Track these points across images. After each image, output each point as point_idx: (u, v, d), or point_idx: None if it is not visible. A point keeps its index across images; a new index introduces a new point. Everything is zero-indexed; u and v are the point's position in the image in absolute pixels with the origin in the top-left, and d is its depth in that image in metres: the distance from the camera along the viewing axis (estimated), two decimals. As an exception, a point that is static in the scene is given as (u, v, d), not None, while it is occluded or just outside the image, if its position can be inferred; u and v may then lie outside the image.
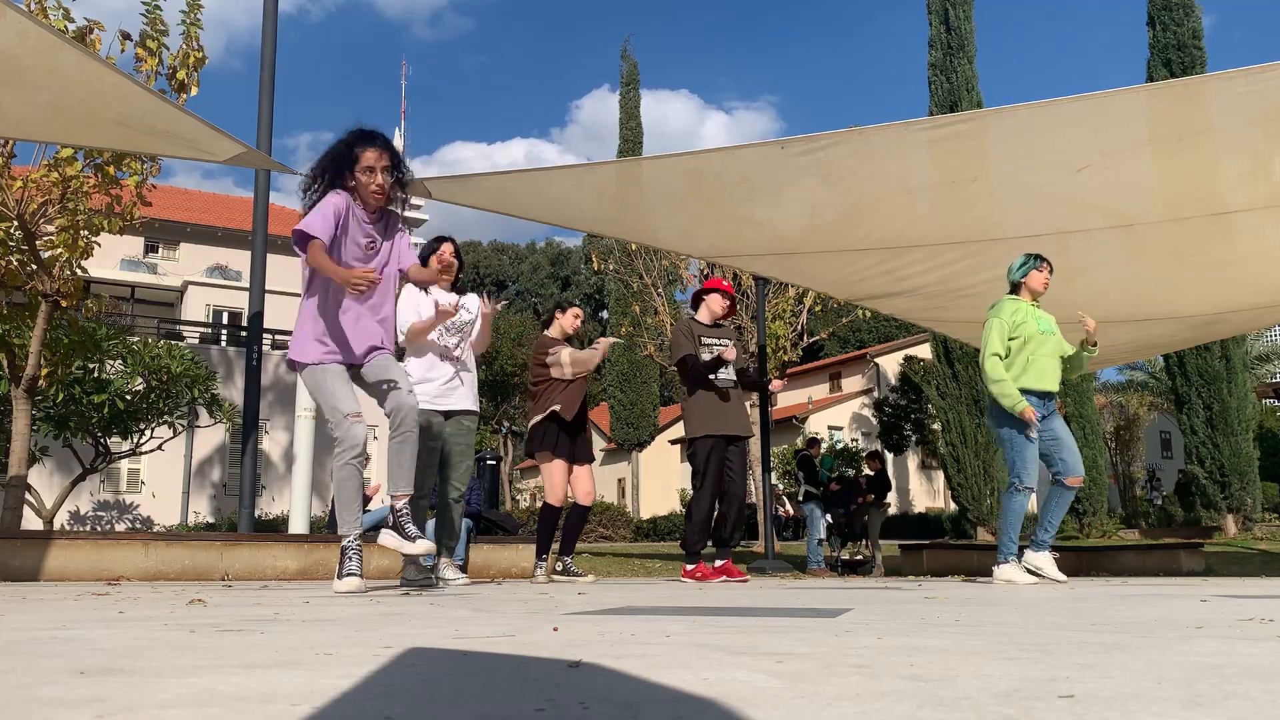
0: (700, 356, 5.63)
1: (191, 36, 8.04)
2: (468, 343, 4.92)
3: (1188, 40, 16.49)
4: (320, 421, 7.60)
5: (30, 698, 0.93)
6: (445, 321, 4.65)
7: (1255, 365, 26.06)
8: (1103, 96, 4.89)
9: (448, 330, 4.84)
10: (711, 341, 5.74)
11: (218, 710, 0.85)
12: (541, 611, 2.35)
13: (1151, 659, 1.21)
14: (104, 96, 5.10)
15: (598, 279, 41.47)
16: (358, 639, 1.55)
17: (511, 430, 32.06)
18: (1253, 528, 16.46)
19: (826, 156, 5.66)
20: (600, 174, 6.39)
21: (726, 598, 3.14)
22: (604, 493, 36.33)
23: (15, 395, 8.01)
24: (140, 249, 28.57)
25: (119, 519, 19.68)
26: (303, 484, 6.59)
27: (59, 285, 7.85)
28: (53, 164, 7.51)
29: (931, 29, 18.61)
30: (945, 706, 0.85)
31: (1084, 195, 5.84)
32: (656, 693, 0.96)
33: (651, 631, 1.68)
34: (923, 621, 1.92)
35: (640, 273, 17.71)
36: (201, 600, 3.00)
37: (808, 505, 10.55)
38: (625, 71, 27.03)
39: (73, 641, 1.52)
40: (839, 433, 32.28)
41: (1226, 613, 2.15)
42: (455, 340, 4.88)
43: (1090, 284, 7.30)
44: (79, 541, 5.74)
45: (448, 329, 4.82)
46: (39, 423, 11.31)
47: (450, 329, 4.84)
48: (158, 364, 12.59)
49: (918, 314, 8.58)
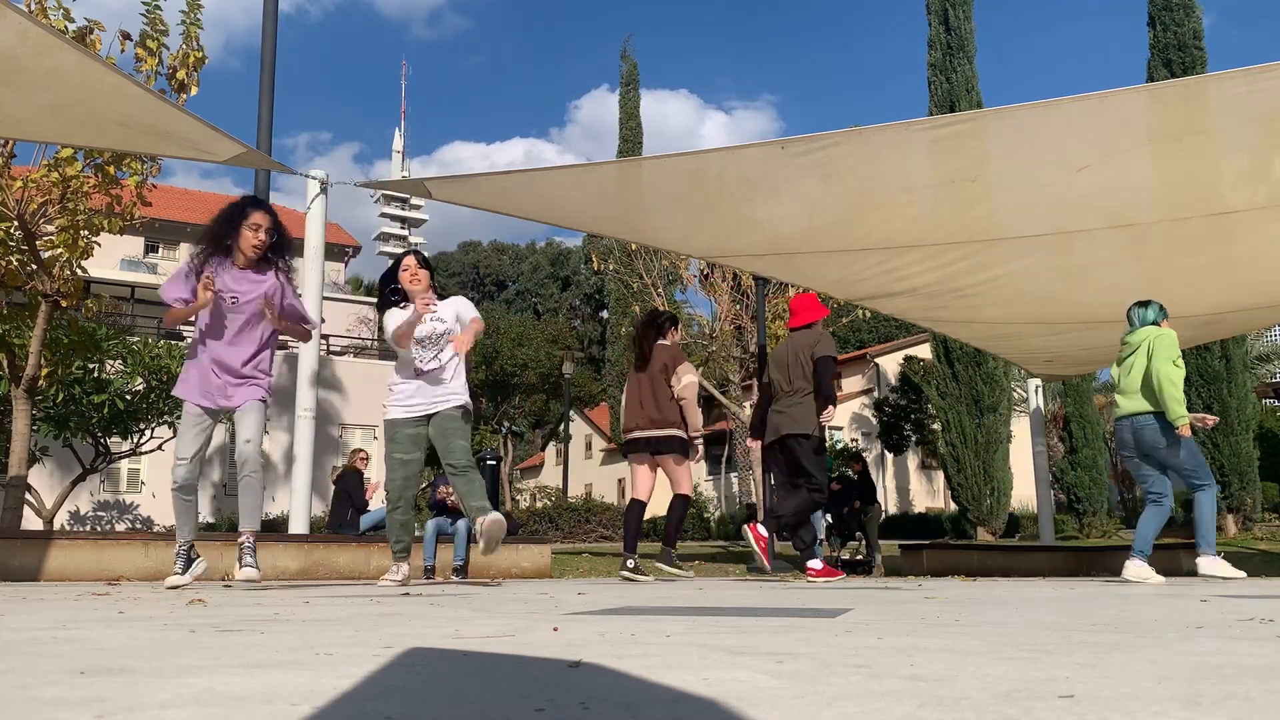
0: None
1: (191, 36, 8.04)
2: (444, 354, 4.94)
3: (1188, 40, 16.49)
4: (320, 421, 7.61)
5: (30, 698, 0.93)
6: (427, 314, 4.78)
7: (1255, 365, 26.04)
8: (1103, 96, 4.89)
9: (421, 345, 4.91)
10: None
11: (218, 710, 0.85)
12: (541, 611, 2.35)
13: (1151, 659, 1.21)
14: (104, 96, 5.10)
15: (598, 279, 41.51)
16: (358, 639, 1.55)
17: (511, 430, 32.05)
18: (1253, 528, 16.46)
19: (826, 156, 5.66)
20: (600, 174, 6.38)
21: (726, 598, 3.14)
22: (604, 493, 36.35)
23: (15, 395, 8.01)
24: (140, 249, 28.60)
25: (119, 519, 19.68)
26: (303, 484, 6.59)
27: (59, 285, 7.85)
28: (53, 164, 7.51)
29: (931, 29, 18.61)
30: (945, 706, 0.85)
31: (1084, 195, 5.84)
32: (656, 693, 0.96)
33: (651, 631, 1.68)
34: (923, 621, 1.92)
35: (640, 273, 17.71)
36: (201, 600, 3.00)
37: (808, 505, 10.53)
38: (625, 72, 27.03)
39: (73, 641, 1.52)
40: (839, 433, 32.28)
41: (1226, 613, 2.15)
42: (430, 354, 4.92)
43: (1090, 284, 7.30)
44: (79, 541, 5.74)
45: (420, 344, 4.91)
46: (39, 423, 11.31)
47: (425, 344, 4.92)
48: (158, 364, 12.60)
49: (918, 314, 8.58)
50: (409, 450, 4.90)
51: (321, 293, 6.96)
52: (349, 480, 9.44)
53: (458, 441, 4.90)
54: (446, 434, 4.88)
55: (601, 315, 55.27)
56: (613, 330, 27.22)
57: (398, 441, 4.91)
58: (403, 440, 4.90)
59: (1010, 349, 9.88)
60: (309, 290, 6.91)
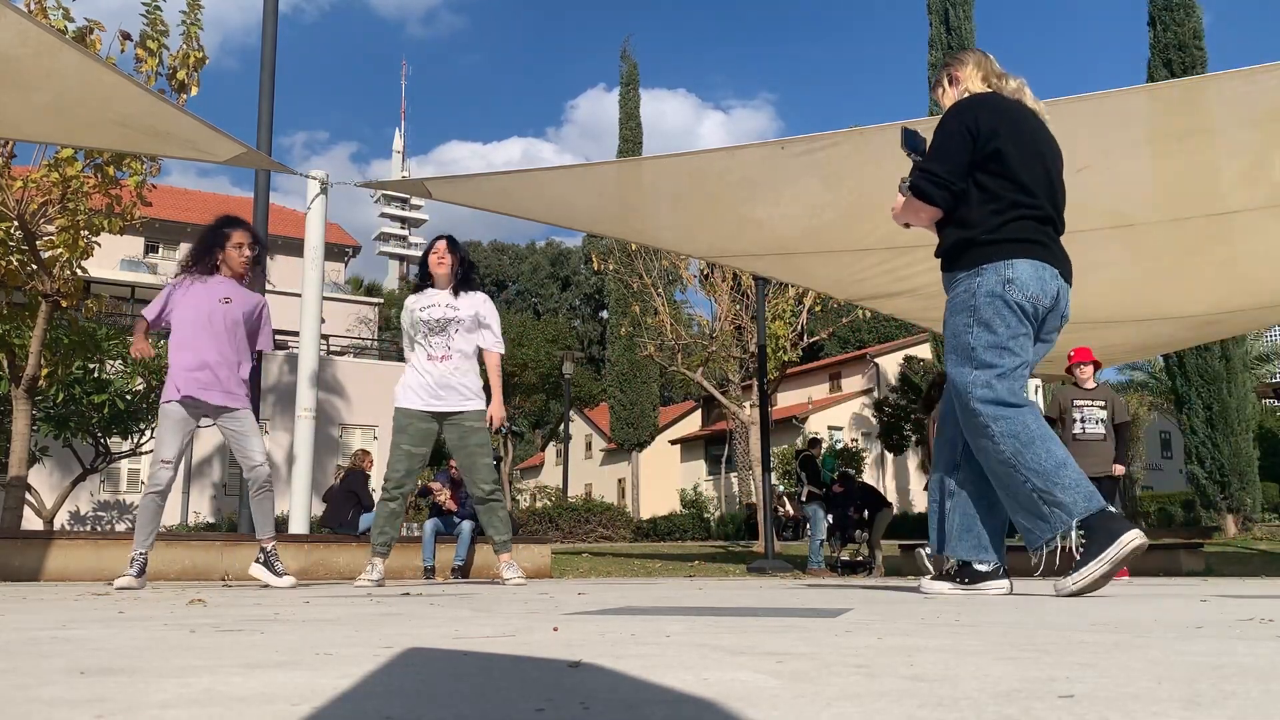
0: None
1: (191, 36, 8.04)
2: (454, 343, 4.82)
3: (1188, 40, 16.49)
4: (320, 421, 7.61)
5: (30, 698, 0.93)
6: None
7: (1255, 365, 26.05)
8: (1103, 96, 4.89)
9: (430, 330, 4.80)
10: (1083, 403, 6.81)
11: (218, 710, 0.85)
12: (541, 611, 2.35)
13: (1151, 659, 1.21)
14: (104, 97, 5.10)
15: (598, 279, 41.50)
16: (358, 639, 1.56)
17: (511, 430, 32.05)
18: (1253, 528, 16.47)
19: (827, 157, 5.66)
20: (601, 174, 6.39)
21: (726, 598, 3.15)
22: (603, 493, 36.36)
23: (15, 395, 8.01)
24: (140, 249, 28.60)
25: (119, 519, 19.68)
26: (303, 484, 6.59)
27: (59, 285, 7.85)
28: (53, 164, 7.51)
29: (931, 29, 18.61)
30: (945, 706, 0.85)
31: (1084, 195, 5.83)
32: (657, 693, 0.96)
33: (651, 631, 1.68)
34: (923, 621, 1.92)
35: (640, 273, 17.71)
36: (201, 600, 3.00)
37: (810, 506, 10.55)
38: (625, 72, 27.03)
39: (73, 641, 1.52)
40: (839, 433, 32.28)
41: (1226, 613, 2.15)
42: (440, 341, 4.81)
43: (1090, 284, 7.29)
44: (79, 541, 5.75)
45: (430, 329, 4.80)
46: (39, 423, 11.31)
47: (431, 328, 4.80)
48: (158, 364, 12.59)
49: (918, 314, 8.58)
50: (417, 444, 4.78)
51: (321, 293, 6.96)
52: (355, 480, 9.47)
53: (482, 460, 4.80)
54: (470, 452, 4.78)
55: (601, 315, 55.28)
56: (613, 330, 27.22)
57: (408, 433, 4.78)
58: (414, 433, 4.78)
59: (1010, 349, 9.85)
60: (309, 290, 6.92)
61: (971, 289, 3.02)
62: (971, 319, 3.01)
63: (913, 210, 3.23)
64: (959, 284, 3.08)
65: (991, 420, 2.95)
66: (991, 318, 2.97)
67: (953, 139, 3.08)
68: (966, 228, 3.06)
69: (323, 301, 7.11)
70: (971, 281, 3.02)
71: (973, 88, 3.23)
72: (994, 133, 3.03)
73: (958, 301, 3.08)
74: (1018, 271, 2.97)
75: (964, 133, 3.06)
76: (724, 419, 28.82)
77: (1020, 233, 3.01)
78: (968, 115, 3.08)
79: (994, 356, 2.97)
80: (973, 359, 3.00)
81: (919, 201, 3.15)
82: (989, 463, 3.00)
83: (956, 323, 3.07)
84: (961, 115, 3.10)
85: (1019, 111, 3.15)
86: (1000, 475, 2.97)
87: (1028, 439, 2.90)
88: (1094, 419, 6.84)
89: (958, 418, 3.11)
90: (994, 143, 3.02)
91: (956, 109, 3.15)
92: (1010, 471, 2.92)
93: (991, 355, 2.98)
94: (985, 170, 3.04)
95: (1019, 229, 3.01)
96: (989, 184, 3.04)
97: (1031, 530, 2.95)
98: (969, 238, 3.04)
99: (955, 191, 3.07)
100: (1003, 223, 3.01)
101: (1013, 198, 3.03)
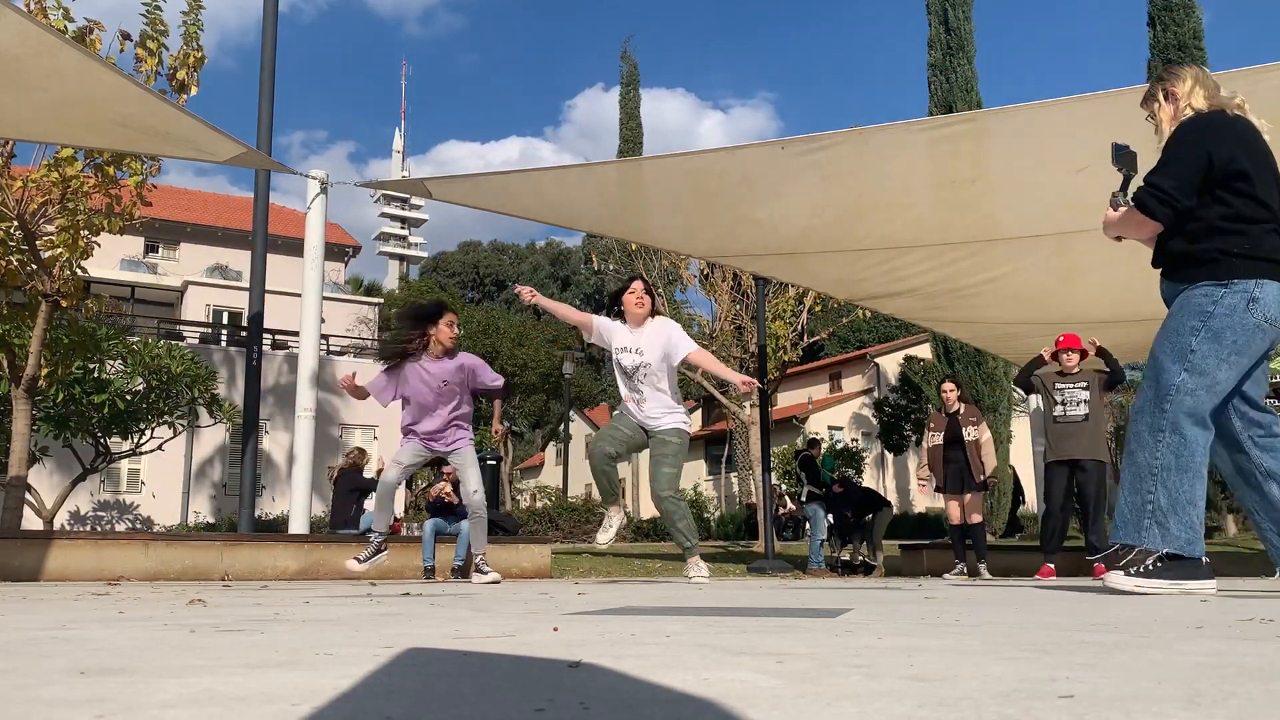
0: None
1: (191, 36, 8.03)
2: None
3: (1188, 40, 16.50)
4: (320, 421, 7.64)
5: (30, 698, 0.93)
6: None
7: (1255, 365, 25.98)
8: (1103, 96, 4.89)
9: (626, 377, 5.14)
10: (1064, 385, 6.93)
11: (218, 710, 0.85)
12: (541, 611, 2.35)
13: (1151, 659, 1.21)
14: (104, 96, 5.10)
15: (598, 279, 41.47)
16: (358, 639, 1.55)
17: (511, 430, 32.05)
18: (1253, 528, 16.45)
19: (826, 156, 5.66)
20: (601, 174, 6.39)
21: (726, 598, 3.14)
22: (604, 493, 36.24)
23: (15, 395, 8.01)
24: (140, 249, 28.58)
25: (119, 519, 19.68)
26: (303, 484, 6.59)
27: (59, 285, 7.85)
28: (53, 164, 7.51)
29: (931, 29, 18.60)
30: (945, 706, 0.85)
31: (1084, 195, 5.84)
32: (657, 693, 0.96)
33: (651, 632, 1.68)
34: (923, 621, 1.92)
35: (641, 273, 17.72)
36: (201, 600, 3.00)
37: (811, 506, 10.54)
38: (625, 72, 27.01)
39: (73, 641, 1.52)
40: (839, 433, 32.28)
41: (1226, 613, 2.15)
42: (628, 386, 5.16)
43: (1090, 284, 7.29)
44: (79, 541, 5.74)
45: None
46: (39, 423, 11.31)
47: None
48: (158, 364, 12.59)
49: (918, 314, 8.58)
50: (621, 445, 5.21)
51: (321, 292, 6.96)
52: (353, 477, 9.49)
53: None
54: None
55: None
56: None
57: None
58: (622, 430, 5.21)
59: (1010, 349, 9.87)
60: (309, 290, 6.91)
61: (1215, 297, 3.06)
62: (1202, 324, 3.06)
63: (1133, 223, 3.25)
64: (1199, 288, 3.10)
65: (1172, 429, 3.02)
66: (1224, 329, 3.02)
67: (1186, 157, 3.12)
68: (1206, 240, 3.10)
69: (323, 301, 7.10)
70: (1217, 290, 3.06)
71: (1195, 104, 3.26)
72: (1234, 154, 3.08)
73: (1192, 304, 3.10)
74: (1265, 291, 3.02)
75: (1201, 154, 3.09)
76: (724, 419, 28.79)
77: (1275, 253, 3.06)
78: (1207, 136, 3.13)
79: (1211, 366, 3.03)
80: (1186, 361, 3.06)
81: (1140, 215, 3.17)
82: (1135, 451, 3.10)
83: (1182, 321, 3.10)
84: (1200, 135, 3.14)
85: (1252, 132, 3.20)
86: (1138, 467, 3.06)
87: (1184, 466, 2.99)
88: (1076, 400, 6.85)
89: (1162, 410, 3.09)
90: (1236, 164, 3.07)
91: (1194, 128, 3.18)
92: (1148, 476, 3.02)
93: (1209, 364, 3.03)
94: (1229, 189, 3.08)
95: (1273, 248, 3.07)
96: (1233, 201, 3.08)
97: (1122, 527, 3.07)
98: (1221, 248, 3.07)
99: (1179, 210, 3.10)
100: (1257, 241, 3.06)
101: (1260, 214, 3.08)
